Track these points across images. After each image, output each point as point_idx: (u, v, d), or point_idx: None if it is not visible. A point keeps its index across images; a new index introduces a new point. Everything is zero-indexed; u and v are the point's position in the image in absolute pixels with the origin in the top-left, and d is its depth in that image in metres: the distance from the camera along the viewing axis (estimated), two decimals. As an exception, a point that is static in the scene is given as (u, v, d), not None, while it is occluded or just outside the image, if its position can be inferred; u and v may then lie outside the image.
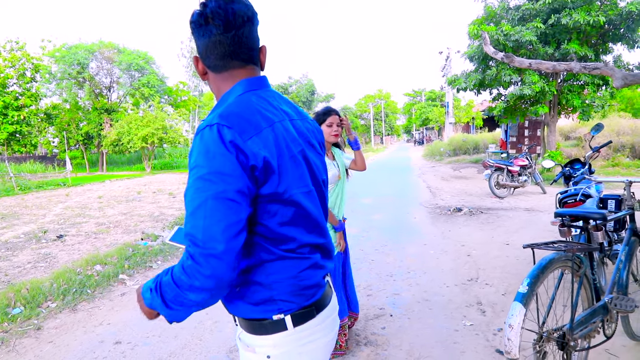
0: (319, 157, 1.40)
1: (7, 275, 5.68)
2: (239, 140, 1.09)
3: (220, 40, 1.22)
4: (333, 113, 3.13)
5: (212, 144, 1.09)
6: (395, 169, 21.29)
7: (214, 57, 1.25)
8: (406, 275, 5.01)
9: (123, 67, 32.33)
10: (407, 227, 7.56)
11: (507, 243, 6.14)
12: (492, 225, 7.35)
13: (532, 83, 12.87)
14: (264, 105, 1.23)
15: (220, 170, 1.07)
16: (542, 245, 2.26)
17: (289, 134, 1.24)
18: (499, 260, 5.37)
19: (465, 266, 5.24)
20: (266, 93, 1.29)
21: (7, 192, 16.89)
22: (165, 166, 31.54)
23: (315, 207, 1.30)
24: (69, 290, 4.82)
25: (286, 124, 1.26)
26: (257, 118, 1.17)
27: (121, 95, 34.46)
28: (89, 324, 4.14)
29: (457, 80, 14.88)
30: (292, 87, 72.14)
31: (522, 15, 13.46)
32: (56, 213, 11.20)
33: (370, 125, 68.84)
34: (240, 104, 1.20)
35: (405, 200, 10.69)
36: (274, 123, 1.20)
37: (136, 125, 26.99)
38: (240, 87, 1.26)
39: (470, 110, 37.03)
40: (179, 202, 12.55)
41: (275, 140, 1.17)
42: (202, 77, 1.33)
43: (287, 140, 1.22)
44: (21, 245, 7.41)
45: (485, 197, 10.71)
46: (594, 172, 5.07)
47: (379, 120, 75.35)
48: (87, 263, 5.68)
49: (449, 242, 6.42)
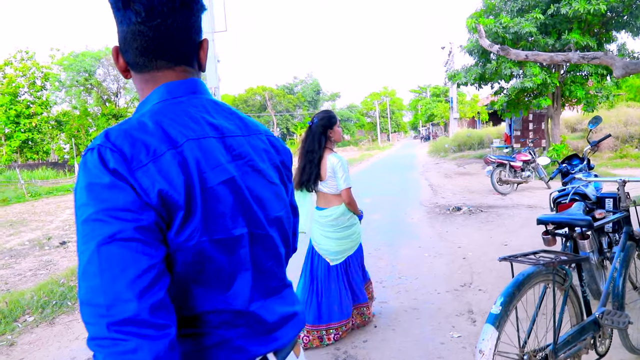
0: (271, 187, 1.03)
1: (6, 284, 5.67)
2: (123, 169, 0.82)
3: (140, 30, 0.93)
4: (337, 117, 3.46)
5: (95, 173, 0.83)
6: (399, 167, 21.01)
7: (133, 52, 0.96)
8: (396, 282, 4.78)
9: (129, 73, 32.44)
10: (404, 229, 7.32)
11: (506, 244, 5.88)
12: (491, 225, 7.08)
13: (533, 75, 12.53)
14: (181, 118, 0.92)
15: (112, 206, 0.80)
16: (520, 258, 2.02)
17: (210, 157, 0.91)
18: (496, 263, 5.11)
19: (460, 270, 5.00)
20: (192, 101, 0.97)
21: (18, 199, 17.12)
22: (176, 169, 31.41)
23: (243, 260, 0.95)
24: (48, 303, 4.66)
25: (208, 143, 0.92)
26: (155, 138, 0.87)
27: (128, 101, 34.66)
28: (64, 338, 3.98)
29: (457, 75, 14.58)
30: (297, 87, 72.06)
31: (521, 7, 13.12)
32: (63, 219, 11.29)
33: (377, 123, 68.48)
34: (146, 118, 0.91)
35: (405, 200, 10.44)
36: (184, 143, 0.89)
37: (146, 129, 26.97)
38: (157, 95, 0.96)
39: (476, 105, 36.56)
40: None
41: (182, 166, 0.87)
42: (124, 75, 1.02)
43: (204, 165, 0.89)
44: (25, 252, 7.51)
45: (487, 194, 10.42)
46: (593, 168, 4.80)
47: (385, 117, 74.93)
48: (72, 273, 5.51)
49: (445, 244, 6.17)
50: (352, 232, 3.48)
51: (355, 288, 3.55)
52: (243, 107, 66.55)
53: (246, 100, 67.52)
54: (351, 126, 70.77)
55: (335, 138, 3.40)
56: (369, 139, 69.48)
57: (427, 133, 68.33)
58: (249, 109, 66.57)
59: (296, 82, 72.68)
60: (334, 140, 3.41)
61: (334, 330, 3.38)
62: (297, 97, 68.58)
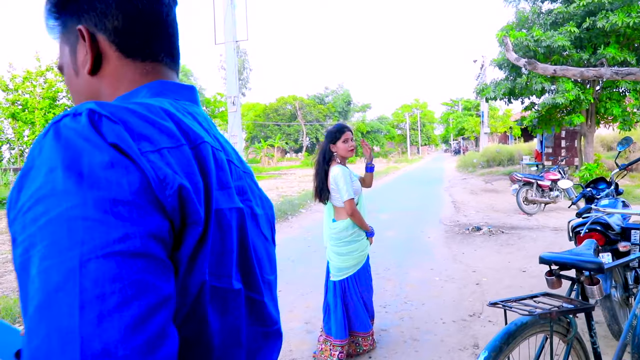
0: (265, 241, 0.81)
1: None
2: (129, 146, 0.54)
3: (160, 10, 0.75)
4: (346, 130, 3.30)
5: (80, 146, 0.52)
6: (424, 181, 20.53)
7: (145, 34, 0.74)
8: (401, 307, 4.47)
9: (161, 80, 33.26)
10: (418, 248, 6.98)
11: (524, 270, 5.49)
12: (511, 248, 6.67)
13: (565, 91, 11.99)
14: (188, 119, 0.69)
15: (112, 196, 0.51)
16: (514, 303, 1.73)
17: (222, 172, 0.68)
18: (511, 292, 4.74)
19: (471, 297, 4.65)
20: (195, 109, 0.76)
21: None
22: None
23: (235, 330, 0.68)
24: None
25: (220, 156, 0.70)
26: (171, 124, 0.62)
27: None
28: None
29: (485, 90, 14.13)
30: (328, 97, 72.19)
31: (555, 20, 12.62)
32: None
33: (407, 135, 67.77)
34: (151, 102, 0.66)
35: (424, 216, 10.06)
36: (200, 144, 0.65)
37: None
38: (153, 91, 0.72)
39: (508, 120, 35.62)
40: None
41: (200, 168, 0.63)
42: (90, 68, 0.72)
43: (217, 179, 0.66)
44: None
45: (512, 214, 9.95)
46: (622, 193, 4.39)
47: (416, 130, 74.12)
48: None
49: (459, 267, 5.81)
50: (354, 249, 3.32)
51: (351, 313, 3.35)
52: (274, 116, 67.03)
53: (277, 109, 67.98)
54: (381, 138, 70.32)
55: (339, 153, 3.30)
56: (398, 151, 68.83)
57: (457, 147, 67.22)
58: (279, 118, 66.99)
59: (327, 93, 72.80)
60: (339, 155, 3.31)
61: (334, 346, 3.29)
62: (327, 108, 68.64)
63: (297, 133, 67.38)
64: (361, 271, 3.36)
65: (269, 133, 66.08)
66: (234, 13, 9.92)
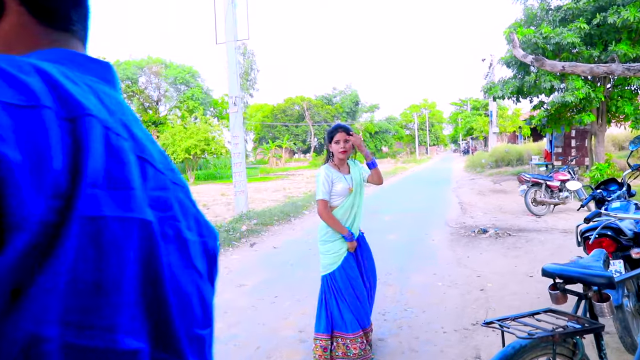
0: (198, 277, 0.58)
1: None
2: None
3: None
4: (340, 130, 3.21)
5: None
6: (431, 182, 20.25)
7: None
8: (401, 314, 4.27)
9: (169, 82, 33.34)
10: (421, 251, 6.76)
11: (531, 275, 5.25)
12: (518, 251, 6.42)
13: (575, 89, 11.68)
14: (82, 93, 0.47)
15: None
16: (512, 322, 1.53)
17: (119, 166, 0.46)
18: (516, 298, 4.51)
19: (474, 304, 4.43)
20: (112, 92, 0.56)
21: None
22: (209, 177, 32.05)
23: None
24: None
25: (122, 146, 0.48)
26: (40, 83, 0.43)
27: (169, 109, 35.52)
28: None
29: (493, 88, 13.84)
30: (336, 97, 72.00)
31: (564, 16, 12.31)
32: None
33: (415, 136, 67.36)
34: (32, 59, 0.47)
35: (429, 218, 9.83)
36: (89, 117, 0.45)
37: (180, 137, 27.71)
38: (39, 56, 0.52)
39: (517, 119, 35.17)
40: (210, 214, 12.50)
41: (72, 147, 0.42)
42: None
43: (115, 176, 0.45)
44: None
45: (520, 215, 9.68)
46: (634, 195, 4.16)
47: (424, 130, 73.68)
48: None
49: (463, 271, 5.59)
50: (328, 249, 3.26)
51: (330, 311, 3.26)
52: (282, 117, 67.01)
53: (285, 110, 67.92)
54: (389, 138, 70.03)
55: (334, 153, 3.27)
56: (407, 152, 68.47)
57: (466, 147, 66.67)
58: (287, 119, 66.95)
59: (335, 93, 72.66)
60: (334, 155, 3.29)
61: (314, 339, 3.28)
62: (335, 108, 68.49)
63: (305, 134, 67.28)
64: (337, 272, 3.25)
65: (277, 134, 66.04)
66: (234, 12, 9.77)
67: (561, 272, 1.76)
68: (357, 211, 3.32)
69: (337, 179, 3.22)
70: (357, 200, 3.33)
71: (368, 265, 3.44)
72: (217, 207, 14.14)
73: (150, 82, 34.56)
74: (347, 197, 3.25)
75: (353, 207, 3.29)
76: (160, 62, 33.79)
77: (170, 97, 34.98)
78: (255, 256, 7.03)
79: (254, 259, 6.83)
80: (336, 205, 3.27)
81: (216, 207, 14.13)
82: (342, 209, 3.23)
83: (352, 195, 3.28)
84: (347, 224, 3.24)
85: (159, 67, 33.44)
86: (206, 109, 34.67)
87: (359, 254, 3.37)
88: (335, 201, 3.27)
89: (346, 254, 3.25)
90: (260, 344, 3.75)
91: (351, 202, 3.28)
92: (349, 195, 3.25)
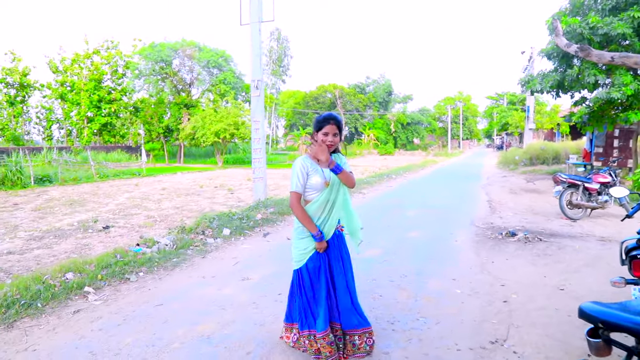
0: None
1: (38, 264, 5.86)
2: None
3: None
4: (332, 121, 2.99)
5: None
6: (461, 177, 19.53)
7: None
8: (412, 324, 3.86)
9: (202, 65, 33.41)
10: (442, 253, 6.30)
11: (562, 288, 4.73)
12: (548, 259, 5.88)
13: (623, 85, 10.79)
14: None
15: None
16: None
17: None
18: (544, 315, 4.03)
19: (495, 318, 3.98)
20: None
21: (87, 179, 18.50)
22: (237, 161, 32.20)
23: None
24: (16, 302, 4.22)
25: None
26: None
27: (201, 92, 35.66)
28: (13, 347, 3.50)
29: (531, 81, 13.00)
30: (369, 86, 71.10)
31: (615, 4, 11.36)
32: (118, 202, 11.83)
33: (448, 129, 65.89)
34: None
35: (455, 216, 9.30)
36: None
37: (210, 121, 27.87)
38: None
39: (555, 116, 33.67)
40: (234, 199, 12.54)
41: None
42: None
43: None
44: (69, 233, 7.87)
45: (553, 218, 9.04)
46: (689, 205, 3.60)
47: (457, 123, 72.03)
48: (60, 269, 5.09)
49: (486, 278, 5.11)
50: (297, 245, 3.13)
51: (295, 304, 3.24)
52: (313, 104, 66.68)
53: (317, 98, 67.53)
54: (421, 130, 68.83)
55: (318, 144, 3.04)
56: (439, 145, 67.13)
57: (500, 142, 64.76)
58: (319, 106, 66.58)
59: (368, 82, 71.81)
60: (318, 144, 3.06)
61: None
62: (367, 97, 67.70)
63: (336, 122, 66.62)
64: (303, 270, 3.11)
65: (308, 121, 65.75)
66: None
67: (606, 318, 1.32)
68: (332, 208, 3.11)
69: (313, 171, 3.03)
70: (334, 196, 3.10)
71: (345, 266, 3.22)
72: (241, 192, 13.99)
73: (183, 64, 34.67)
74: (321, 191, 3.04)
75: (328, 203, 3.08)
76: (194, 44, 33.84)
77: (203, 80, 35.09)
78: (267, 247, 6.72)
79: (264, 250, 6.52)
80: (310, 199, 3.07)
81: (241, 192, 13.98)
82: (315, 204, 3.04)
83: (328, 190, 3.06)
84: (319, 221, 3.06)
85: (193, 50, 33.50)
86: (237, 94, 34.74)
87: (330, 255, 3.14)
88: (310, 195, 3.06)
89: (313, 253, 3.07)
90: (252, 348, 3.43)
91: (326, 197, 3.06)
92: (324, 189, 3.04)
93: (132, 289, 4.83)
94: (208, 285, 4.96)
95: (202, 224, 7.42)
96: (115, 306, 4.35)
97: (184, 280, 5.13)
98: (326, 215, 3.08)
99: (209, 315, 4.09)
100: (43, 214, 9.98)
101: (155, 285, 4.98)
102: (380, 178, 18.16)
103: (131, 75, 34.67)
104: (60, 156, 23.27)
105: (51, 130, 42.35)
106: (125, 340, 3.58)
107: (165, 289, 4.85)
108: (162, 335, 3.68)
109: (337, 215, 3.13)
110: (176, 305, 4.34)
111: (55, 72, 36.55)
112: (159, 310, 4.22)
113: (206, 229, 7.21)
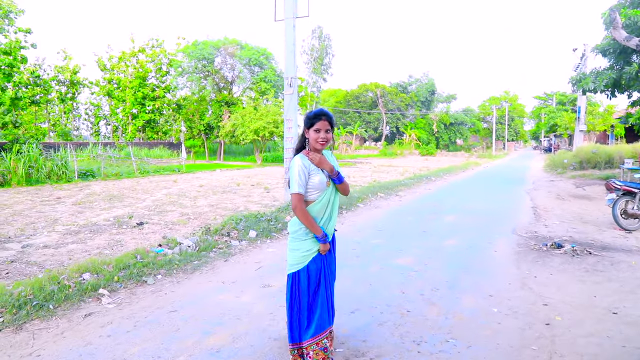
0: None
1: (70, 259, 5.90)
2: None
3: None
4: (323, 117, 2.90)
5: None
6: (504, 181, 18.67)
7: None
8: (440, 346, 3.49)
9: (244, 63, 33.77)
10: (479, 264, 5.84)
11: (615, 311, 4.21)
12: (599, 276, 5.31)
13: (688, 84, 9.88)
14: None
15: None
16: None
17: None
18: (593, 343, 3.56)
19: (536, 344, 3.54)
20: None
21: (128, 175, 18.99)
22: (276, 159, 32.35)
23: None
24: (29, 302, 4.14)
25: None
26: None
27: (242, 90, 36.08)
28: (18, 352, 3.39)
29: (584, 80, 12.15)
30: (411, 85, 70.03)
31: (681, -3, 10.43)
32: (155, 198, 12.00)
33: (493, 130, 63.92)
34: None
35: (495, 223, 8.74)
36: None
37: (249, 119, 28.10)
38: None
39: (609, 117, 31.84)
40: (269, 197, 12.47)
41: None
42: None
43: None
44: (104, 228, 7.97)
45: (605, 229, 8.33)
46: None
47: (503, 124, 69.74)
48: (78, 269, 5.01)
49: (527, 296, 4.64)
50: (297, 247, 2.95)
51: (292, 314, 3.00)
52: (354, 103, 66.33)
53: (358, 96, 67.11)
54: (465, 131, 67.17)
55: (310, 142, 2.94)
56: (483, 146, 65.23)
57: (548, 144, 62.15)
58: (360, 105, 66.15)
59: (411, 81, 70.77)
60: (310, 144, 2.95)
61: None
62: (410, 97, 66.71)
63: (377, 121, 66.05)
64: (302, 273, 2.94)
65: (349, 120, 65.40)
66: (295, -13, 9.13)
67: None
68: (332, 209, 3.03)
69: (314, 171, 2.91)
70: (333, 196, 3.02)
71: (333, 268, 3.17)
72: (277, 191, 13.85)
73: (225, 62, 35.14)
74: (324, 191, 2.94)
75: (329, 204, 2.99)
76: (236, 43, 34.21)
77: (244, 78, 35.45)
78: (293, 251, 6.46)
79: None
80: (312, 200, 2.92)
81: (277, 191, 13.84)
82: (318, 204, 2.92)
83: (330, 190, 2.98)
84: (322, 222, 2.96)
85: (235, 48, 33.88)
86: (278, 92, 34.85)
87: (327, 256, 3.04)
88: (312, 195, 2.91)
89: (316, 255, 2.93)
90: (262, 367, 3.16)
91: (328, 197, 2.97)
92: (326, 189, 2.95)
93: (147, 293, 4.68)
94: (227, 291, 4.75)
95: (228, 225, 7.25)
96: (128, 310, 4.20)
97: (203, 285, 4.94)
98: (328, 215, 3.00)
99: (223, 325, 3.86)
100: (82, 209, 10.15)
101: (172, 289, 4.80)
102: (419, 180, 17.61)
103: (174, 73, 35.44)
104: (105, 152, 23.97)
105: (99, 126, 43.98)
106: (131, 350, 3.40)
107: (182, 293, 4.67)
108: (169, 345, 3.48)
109: (335, 215, 3.06)
110: (190, 312, 4.14)
111: (103, 69, 37.93)
112: (172, 317, 4.03)
113: (232, 231, 7.03)
